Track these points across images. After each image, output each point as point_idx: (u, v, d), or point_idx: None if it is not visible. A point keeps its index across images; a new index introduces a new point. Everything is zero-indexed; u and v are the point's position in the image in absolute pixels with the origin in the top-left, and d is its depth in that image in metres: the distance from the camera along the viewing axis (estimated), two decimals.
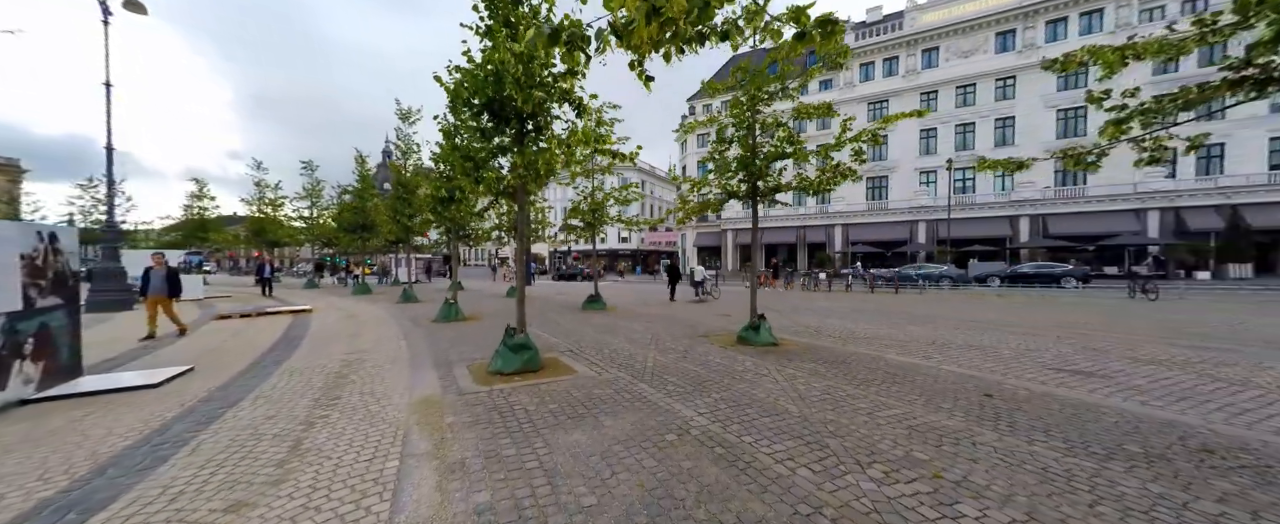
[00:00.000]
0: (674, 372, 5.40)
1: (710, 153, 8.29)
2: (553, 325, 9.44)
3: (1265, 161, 24.11)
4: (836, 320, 10.16)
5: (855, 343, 7.33)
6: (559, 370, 5.50)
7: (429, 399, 4.34)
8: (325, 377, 5.19)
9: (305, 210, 22.62)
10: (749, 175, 7.31)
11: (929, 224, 32.02)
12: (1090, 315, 10.39)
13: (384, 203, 16.41)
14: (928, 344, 7.16)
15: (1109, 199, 26.77)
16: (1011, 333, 8.09)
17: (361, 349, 6.86)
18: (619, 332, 8.57)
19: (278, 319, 10.38)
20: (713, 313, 11.81)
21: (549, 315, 11.28)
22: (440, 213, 10.11)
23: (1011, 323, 9.39)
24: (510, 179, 4.77)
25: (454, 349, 6.88)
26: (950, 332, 8.31)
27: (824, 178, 6.12)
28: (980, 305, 12.88)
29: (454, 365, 5.80)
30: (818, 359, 6.05)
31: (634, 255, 50.55)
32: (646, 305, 14.06)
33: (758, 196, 7.52)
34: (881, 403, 4.15)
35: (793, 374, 5.23)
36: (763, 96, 6.99)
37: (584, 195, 13.15)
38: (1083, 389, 4.61)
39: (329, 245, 24.23)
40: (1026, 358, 6.09)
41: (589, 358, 6.23)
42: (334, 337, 8.05)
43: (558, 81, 4.38)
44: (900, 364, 5.74)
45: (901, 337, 7.89)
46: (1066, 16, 29.01)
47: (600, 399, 4.33)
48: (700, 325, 9.40)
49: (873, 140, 5.73)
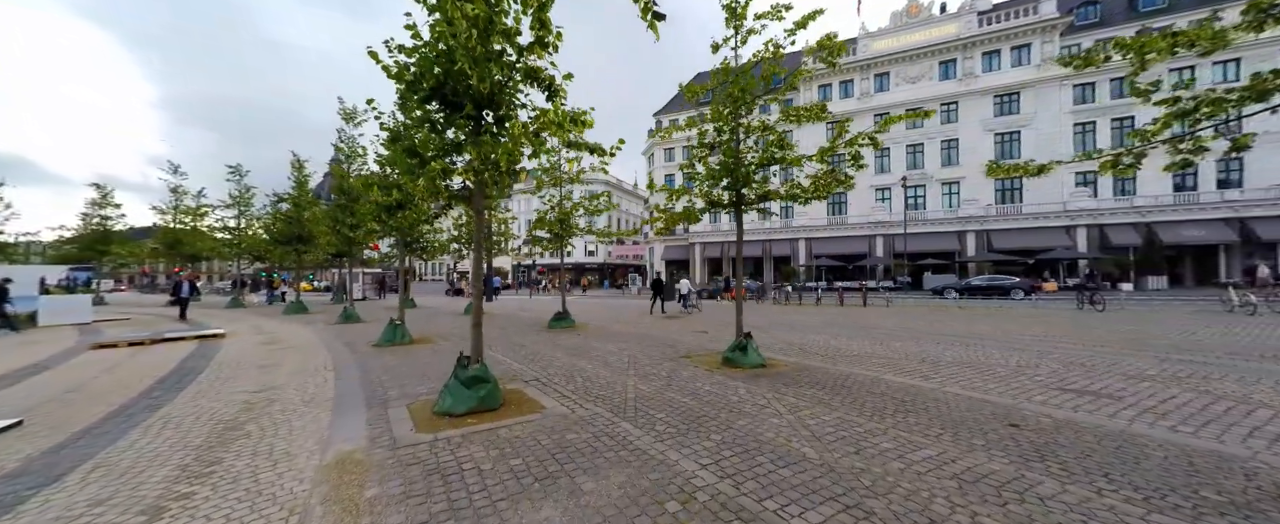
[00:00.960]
0: (661, 404, 4.62)
1: (689, 159, 7.74)
2: (517, 349, 8.41)
3: (1170, 184, 26.96)
4: (816, 336, 9.78)
5: (846, 362, 6.86)
6: (523, 407, 4.58)
7: (348, 459, 3.31)
8: (211, 428, 3.99)
9: (231, 220, 20.09)
10: (733, 182, 6.79)
11: (886, 239, 33.36)
12: (1053, 327, 10.63)
13: (322, 212, 14.71)
14: (919, 362, 6.80)
15: (1043, 216, 28.96)
16: (993, 346, 7.96)
17: (273, 385, 5.59)
18: (592, 354, 7.70)
19: (176, 348, 8.66)
20: (689, 330, 11.16)
21: (512, 336, 10.20)
22: (386, 222, 8.90)
23: (986, 336, 9.35)
24: (464, 174, 3.88)
25: (394, 382, 5.76)
26: (934, 347, 8.07)
27: (819, 184, 5.66)
28: (947, 317, 13.03)
29: (391, 404, 4.73)
30: (815, 383, 5.48)
31: (601, 269, 49.57)
32: (618, 322, 13.22)
33: (742, 206, 7.00)
34: (907, 441, 3.57)
35: (795, 404, 4.60)
36: (746, 99, 6.53)
37: (551, 205, 12.28)
38: (1102, 414, 4.26)
39: (260, 259, 21.64)
40: (1023, 376, 5.80)
41: (559, 389, 5.34)
42: (242, 369, 6.64)
43: (523, 56, 3.61)
44: (903, 388, 5.26)
45: (888, 353, 7.54)
46: (999, 49, 31.66)
47: (575, 448, 3.47)
48: (679, 344, 8.69)
49: (872, 144, 5.35)
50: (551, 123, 3.64)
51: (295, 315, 16.11)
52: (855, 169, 5.45)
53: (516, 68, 3.69)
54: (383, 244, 24.48)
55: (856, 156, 5.38)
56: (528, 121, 3.80)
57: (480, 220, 4.68)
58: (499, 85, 3.71)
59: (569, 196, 12.32)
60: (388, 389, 5.38)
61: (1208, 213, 25.38)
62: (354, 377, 6.08)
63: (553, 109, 3.67)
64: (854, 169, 5.46)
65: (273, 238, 17.26)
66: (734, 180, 6.75)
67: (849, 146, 5.40)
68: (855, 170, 5.49)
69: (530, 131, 3.78)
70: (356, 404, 4.74)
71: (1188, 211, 25.60)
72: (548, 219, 12.35)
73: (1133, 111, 27.95)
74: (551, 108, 3.71)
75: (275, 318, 15.33)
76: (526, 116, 4.25)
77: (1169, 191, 26.75)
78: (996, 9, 32.56)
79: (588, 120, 3.82)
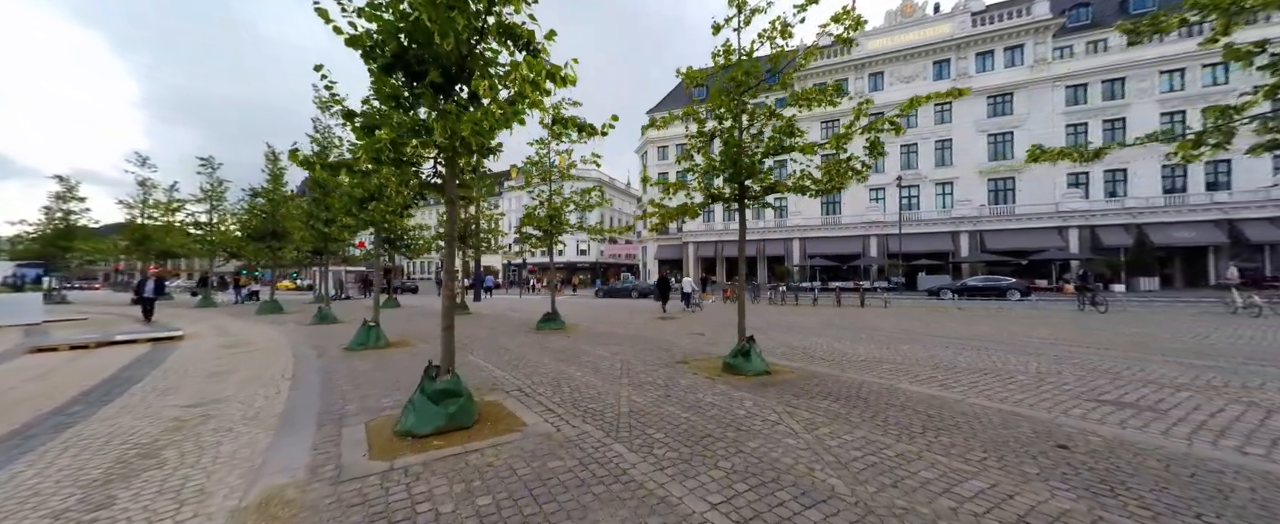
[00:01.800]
0: (658, 421, 4.06)
1: (686, 150, 7.20)
2: (500, 353, 7.79)
3: (1159, 186, 27.14)
4: (817, 338, 9.30)
5: (855, 368, 6.37)
6: (500, 425, 3.98)
7: (276, 497, 2.69)
8: (119, 455, 3.33)
9: (203, 215, 19.07)
10: (736, 174, 6.25)
11: (879, 239, 33.22)
12: (1059, 330, 10.28)
13: (296, 207, 13.89)
14: (933, 368, 6.33)
15: (1035, 217, 28.99)
16: (1005, 351, 7.54)
17: (216, 397, 4.91)
18: (581, 359, 7.12)
19: (124, 352, 7.88)
20: (685, 332, 10.62)
21: (498, 338, 9.56)
22: (358, 215, 8.22)
23: (993, 338, 8.95)
24: (423, 147, 3.27)
25: (358, 392, 5.11)
26: (944, 351, 7.62)
27: (833, 174, 5.14)
28: (948, 319, 12.68)
29: (348, 422, 4.10)
30: (827, 393, 4.96)
31: (593, 268, 48.88)
32: (609, 323, 12.64)
33: (746, 200, 6.47)
34: (949, 469, 3.05)
35: (810, 419, 4.07)
36: (749, 83, 6.00)
37: (540, 200, 11.66)
38: (1153, 431, 3.80)
39: (235, 256, 20.63)
40: (1048, 384, 5.35)
41: (544, 400, 4.75)
42: (188, 377, 5.93)
43: (494, 6, 3.01)
44: (924, 399, 4.77)
45: (897, 358, 7.07)
46: (993, 50, 31.66)
47: (561, 481, 2.90)
48: (674, 348, 8.14)
49: (894, 129, 4.84)
50: (525, 80, 3.04)
51: (269, 315, 15.26)
52: (873, 157, 4.95)
53: (486, 23, 3.09)
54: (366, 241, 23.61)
55: (876, 144, 4.87)
56: (498, 79, 3.19)
57: (452, 211, 4.07)
58: (468, 45, 3.11)
59: (559, 191, 11.71)
60: (348, 402, 4.73)
61: (1197, 214, 25.55)
62: (313, 386, 5.42)
63: (525, 62, 3.05)
64: (872, 157, 4.96)
65: (246, 234, 16.35)
66: (737, 171, 6.21)
67: (867, 132, 4.89)
68: (873, 159, 4.99)
69: (498, 93, 3.16)
70: (307, 421, 4.10)
71: (1178, 213, 25.76)
72: (537, 215, 11.73)
73: (1124, 114, 28.11)
74: (523, 62, 3.08)
75: (246, 318, 14.47)
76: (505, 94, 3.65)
77: (1159, 193, 26.91)
78: (990, 10, 32.55)
79: (570, 76, 3.22)
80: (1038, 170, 29.71)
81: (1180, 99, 26.76)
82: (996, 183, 31.25)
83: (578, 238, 48.35)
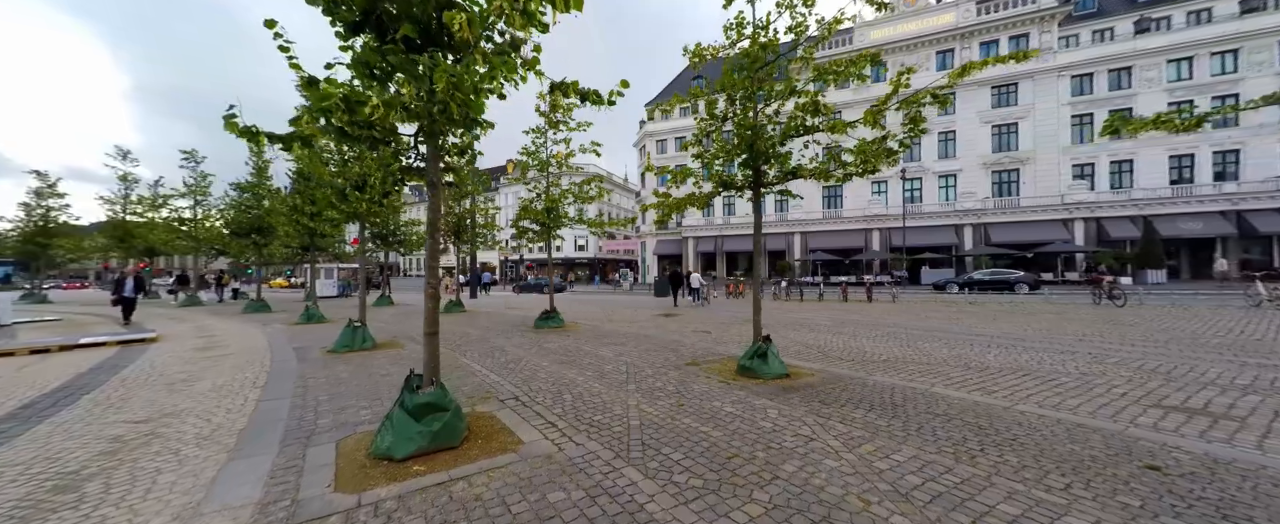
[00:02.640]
0: (675, 437, 3.53)
1: (695, 134, 6.63)
2: (495, 354, 7.24)
3: (1166, 176, 26.74)
4: (831, 336, 8.80)
5: (880, 370, 5.86)
6: (492, 443, 3.45)
7: None
8: (31, 489, 2.78)
9: (186, 211, 18.36)
10: (751, 159, 5.70)
11: (882, 232, 32.77)
12: (1083, 325, 9.82)
13: (280, 201, 13.25)
14: (964, 369, 5.84)
15: (1040, 209, 28.56)
16: (1035, 349, 7.05)
17: (173, 410, 4.35)
18: (583, 360, 6.58)
19: (88, 356, 7.29)
20: (689, 329, 10.10)
21: (493, 338, 9.01)
22: (339, 206, 7.64)
23: (1017, 335, 8.47)
24: (387, 108, 2.70)
25: (334, 403, 4.57)
26: (969, 350, 7.14)
27: (867, 155, 4.58)
28: (962, 314, 12.22)
29: (317, 440, 3.56)
30: (858, 401, 4.45)
31: (591, 264, 48.31)
32: (611, 320, 12.11)
33: (761, 188, 5.93)
34: (1033, 500, 2.54)
35: (847, 434, 3.55)
36: (764, 59, 5.44)
37: (536, 191, 11.08)
38: (1245, 443, 3.31)
39: (222, 253, 19.95)
40: (1096, 388, 4.86)
41: (542, 411, 4.22)
42: (146, 386, 5.36)
43: None
44: (969, 407, 4.27)
45: (923, 358, 6.58)
46: (997, 39, 31.07)
47: (563, 520, 2.36)
48: (682, 348, 7.62)
49: (938, 101, 4.28)
50: (511, 10, 2.46)
51: (256, 314, 14.65)
52: (914, 135, 4.40)
53: None
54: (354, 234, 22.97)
55: (916, 120, 4.32)
56: (475, 13, 2.60)
57: (434, 197, 3.50)
58: None
59: (557, 182, 11.13)
60: (321, 415, 4.18)
61: (1205, 206, 25.17)
62: (285, 396, 4.87)
63: None
64: (913, 135, 4.41)
65: (230, 230, 15.70)
66: (753, 156, 5.66)
67: (907, 106, 4.34)
68: (915, 137, 4.44)
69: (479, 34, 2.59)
70: (269, 441, 3.55)
71: (1186, 204, 25.37)
72: (534, 208, 11.15)
73: (1130, 104, 27.64)
74: None
75: (231, 318, 13.86)
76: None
77: (1166, 184, 26.52)
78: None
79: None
80: (1043, 161, 29.31)
81: (1188, 88, 26.31)
82: (1000, 175, 30.81)
83: (576, 233, 47.72)
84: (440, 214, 3.52)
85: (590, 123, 10.43)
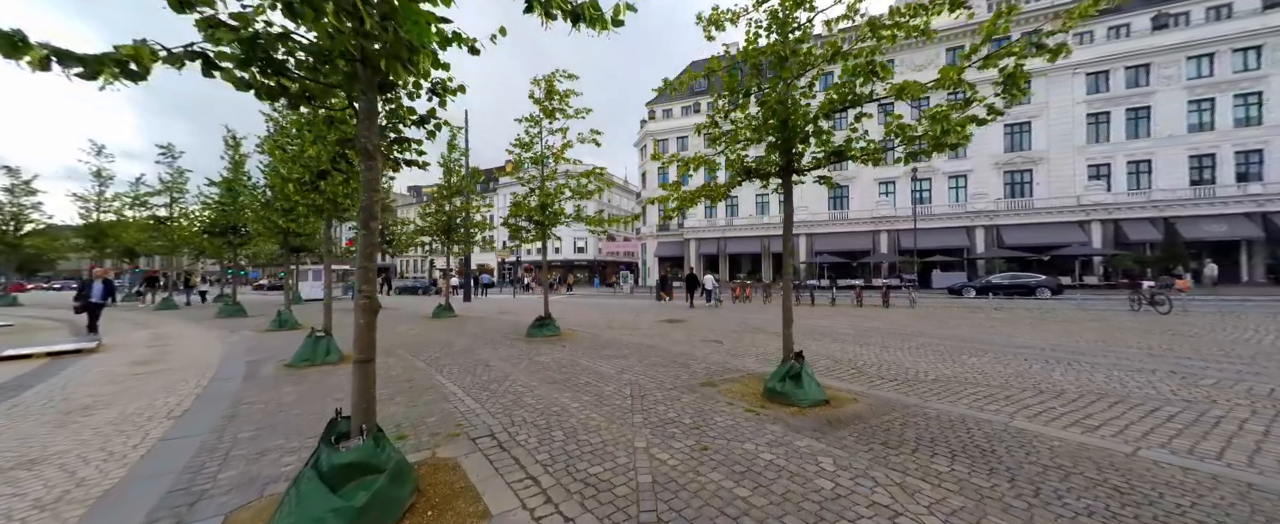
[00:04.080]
0: (701, 505, 2.53)
1: (711, 115, 5.64)
2: (479, 370, 6.24)
3: (1186, 177, 25.82)
4: (860, 348, 7.81)
5: (934, 393, 4.87)
6: (447, 517, 2.44)
7: None
8: None
9: (162, 209, 17.33)
10: (785, 139, 4.73)
11: (890, 234, 31.82)
12: (1139, 335, 8.83)
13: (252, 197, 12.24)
14: (1034, 392, 4.85)
15: (1056, 211, 27.62)
16: (1105, 366, 6.07)
17: (38, 456, 3.33)
18: (580, 378, 5.58)
19: (2, 370, 6.26)
20: (697, 338, 9.10)
21: (478, 350, 8.00)
22: (307, 193, 6.67)
23: (1073, 349, 7.48)
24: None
25: (256, 444, 3.56)
26: (1025, 365, 6.15)
27: (945, 126, 3.57)
28: (995, 322, 11.23)
29: (196, 512, 2.55)
30: (931, 443, 3.45)
31: (591, 266, 47.29)
32: (612, 327, 11.12)
33: (794, 174, 4.95)
34: None
35: (942, 502, 2.56)
36: (793, 22, 4.48)
37: (530, 186, 10.10)
38: None
39: (202, 253, 18.93)
40: (1225, 423, 3.88)
41: (524, 457, 3.22)
42: (33, 416, 4.32)
43: None
44: (1075, 450, 3.28)
45: (975, 376, 5.60)
46: (1009, 35, 30.19)
47: None
48: (693, 362, 6.62)
49: (1046, 52, 3.27)
50: None
51: (229, 319, 13.64)
52: (1010, 100, 3.42)
53: None
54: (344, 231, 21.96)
55: (1016, 75, 3.33)
56: None
57: (371, 166, 2.51)
58: None
59: (553, 176, 10.15)
60: (228, 464, 3.17)
61: (1229, 207, 24.24)
62: (199, 431, 3.86)
63: None
64: (1007, 100, 3.43)
65: (203, 228, 14.69)
66: (785, 136, 4.69)
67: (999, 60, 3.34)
68: (1009, 102, 3.46)
69: None
70: (128, 517, 2.53)
71: (1210, 206, 24.43)
72: (527, 204, 10.17)
73: (1148, 102, 26.76)
74: None
75: (199, 323, 12.84)
76: None
77: (1186, 184, 25.60)
78: None
79: None
80: (1057, 161, 28.40)
81: (1209, 85, 25.43)
82: (1013, 175, 29.90)
83: (576, 234, 46.73)
84: (376, 194, 2.52)
85: (589, 110, 9.45)
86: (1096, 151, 27.66)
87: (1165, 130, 26.18)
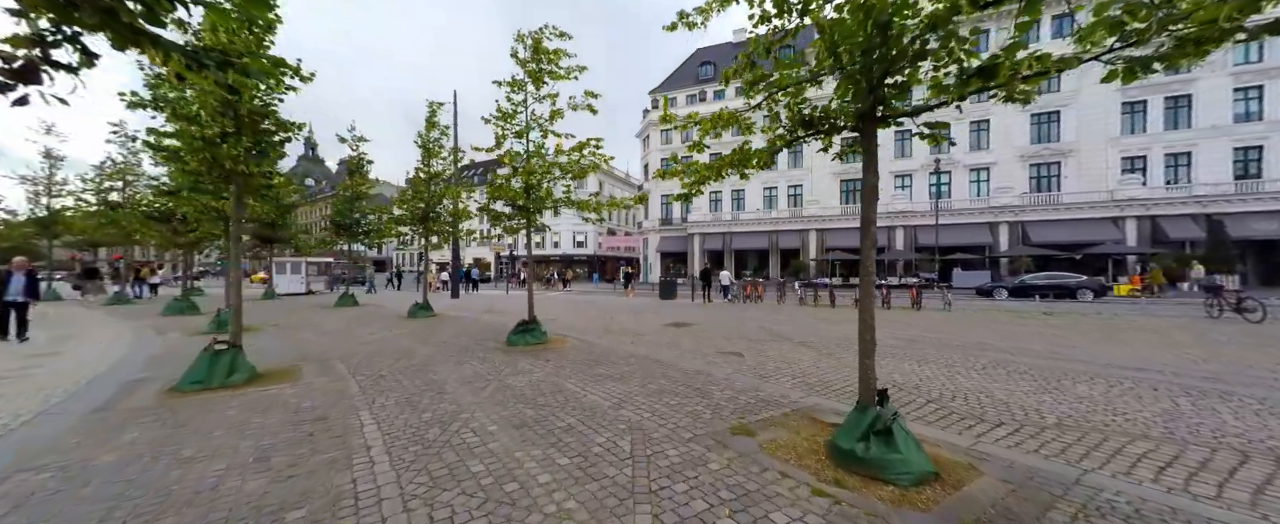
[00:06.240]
0: None
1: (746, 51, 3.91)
2: (425, 399, 4.60)
3: (1230, 171, 24.04)
4: (918, 366, 6.18)
5: (1077, 450, 3.26)
6: None
7: None
8: None
9: (115, 193, 15.67)
10: (867, 73, 3.08)
11: (907, 230, 30.13)
12: (1254, 351, 7.18)
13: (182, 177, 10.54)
14: (1213, 447, 3.22)
15: (1087, 206, 25.88)
16: (1242, 394, 4.43)
17: None
18: (560, 419, 3.94)
19: None
20: (711, 348, 7.47)
21: (440, 365, 6.34)
22: (213, 156, 5.01)
23: (1196, 372, 5.83)
24: None
25: None
26: (1158, 398, 4.52)
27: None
28: (1054, 331, 9.58)
29: None
30: None
31: (591, 261, 45.57)
32: (610, 331, 9.50)
33: (883, 122, 3.31)
34: None
35: None
36: None
37: (512, 162, 8.43)
38: None
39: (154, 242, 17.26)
40: None
41: None
42: None
43: None
44: None
45: (1106, 418, 3.99)
46: (1039, 18, 28.27)
47: None
48: (712, 386, 4.97)
49: None
50: None
51: (172, 317, 12.04)
52: None
53: None
54: None
55: None
56: None
57: None
58: None
59: (539, 152, 8.45)
60: None
61: (1279, 203, 22.46)
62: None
63: None
64: None
65: (144, 213, 13.04)
66: (875, 59, 3.03)
67: None
68: None
69: None
70: None
71: (1259, 201, 22.65)
72: (510, 186, 8.49)
73: (1189, 90, 24.91)
74: None
75: (129, 323, 11.24)
76: None
77: (1230, 179, 23.81)
78: None
79: None
80: (1088, 153, 26.59)
81: (1257, 72, 23.58)
82: (1040, 168, 28.14)
83: (575, 227, 44.93)
84: None
85: (584, 67, 7.76)
86: (1132, 143, 25.86)
87: (1208, 120, 24.35)
